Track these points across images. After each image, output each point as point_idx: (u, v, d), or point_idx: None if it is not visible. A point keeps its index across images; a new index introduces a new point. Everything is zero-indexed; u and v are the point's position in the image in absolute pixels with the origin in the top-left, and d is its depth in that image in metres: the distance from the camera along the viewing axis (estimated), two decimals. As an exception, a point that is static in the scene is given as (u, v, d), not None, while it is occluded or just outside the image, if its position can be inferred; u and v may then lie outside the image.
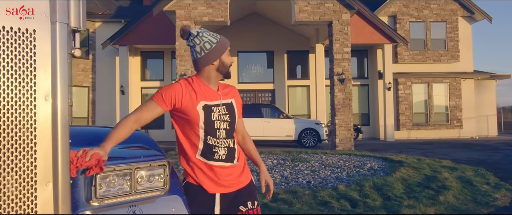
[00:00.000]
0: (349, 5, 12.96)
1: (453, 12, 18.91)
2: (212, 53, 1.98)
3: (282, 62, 19.06)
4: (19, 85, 1.37)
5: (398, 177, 6.53)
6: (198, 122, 1.96)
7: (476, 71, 19.36)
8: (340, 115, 12.80)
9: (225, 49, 2.03)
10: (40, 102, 1.41)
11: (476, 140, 17.12)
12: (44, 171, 1.40)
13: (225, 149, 2.01)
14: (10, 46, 1.37)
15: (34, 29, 1.42)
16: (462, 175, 6.94)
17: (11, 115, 1.34)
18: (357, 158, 9.51)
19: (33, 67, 1.40)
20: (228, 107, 2.06)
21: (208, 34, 2.02)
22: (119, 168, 1.62)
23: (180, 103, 1.93)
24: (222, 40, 2.03)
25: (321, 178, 6.66)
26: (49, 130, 1.43)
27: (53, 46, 1.47)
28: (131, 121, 1.88)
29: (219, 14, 12.75)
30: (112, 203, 1.60)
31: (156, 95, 1.95)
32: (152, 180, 1.72)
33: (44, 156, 1.41)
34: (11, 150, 1.34)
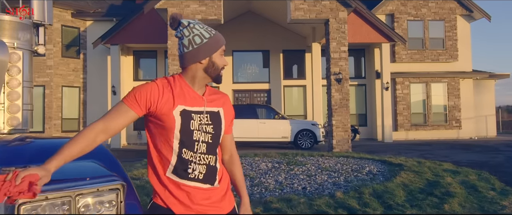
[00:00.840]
0: (346, 3, 12.61)
1: (451, 11, 18.61)
2: (201, 49, 1.65)
3: (278, 62, 18.70)
4: None
5: (399, 182, 6.18)
6: (173, 130, 1.61)
7: (475, 71, 19.07)
8: (337, 115, 12.45)
9: (218, 48, 1.70)
10: None
11: (475, 141, 16.83)
12: None
13: (204, 167, 1.66)
14: None
15: None
16: (466, 180, 6.60)
17: None
18: (355, 161, 9.16)
19: None
20: (213, 116, 1.71)
21: (201, 27, 1.69)
22: (52, 196, 1.24)
23: (155, 106, 1.60)
24: (216, 36, 1.70)
25: (318, 184, 6.30)
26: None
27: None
28: (95, 131, 1.53)
29: (212, 12, 12.38)
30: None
31: (128, 97, 1.60)
32: (100, 209, 1.35)
33: None
34: None
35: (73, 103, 17.03)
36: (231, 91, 18.50)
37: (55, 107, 16.32)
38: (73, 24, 17.02)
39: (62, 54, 16.70)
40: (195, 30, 1.66)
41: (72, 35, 17.05)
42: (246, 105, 15.85)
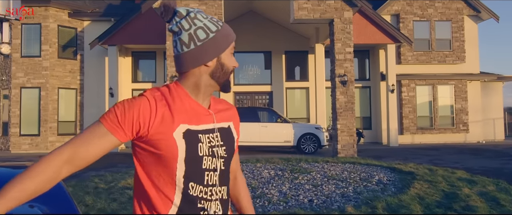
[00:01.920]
0: (352, 2, 12.15)
1: (458, 11, 18.13)
2: (207, 46, 1.22)
3: (280, 63, 18.24)
4: None
5: (414, 194, 5.70)
6: (176, 159, 1.17)
7: (482, 73, 18.58)
8: (342, 119, 11.97)
9: (228, 44, 1.26)
10: None
11: (483, 145, 16.33)
12: None
13: (217, 204, 1.24)
14: None
15: None
16: (484, 191, 6.11)
17: None
18: (362, 167, 8.69)
19: None
20: (225, 134, 1.30)
21: (204, 17, 1.24)
22: None
23: (146, 129, 1.15)
24: (224, 29, 1.26)
25: (325, 196, 5.82)
26: None
27: None
28: (57, 162, 1.10)
29: (212, 11, 11.94)
30: None
31: (108, 116, 1.15)
32: None
33: None
34: None
35: (70, 106, 16.58)
36: (232, 93, 18.03)
37: (51, 110, 15.87)
38: (70, 24, 16.58)
39: (58, 55, 16.26)
40: (198, 21, 1.22)
41: (68, 35, 16.61)
42: (247, 108, 15.38)
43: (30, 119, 15.84)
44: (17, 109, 15.77)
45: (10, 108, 15.81)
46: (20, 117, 15.77)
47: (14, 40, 15.86)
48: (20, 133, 15.75)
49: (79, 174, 8.70)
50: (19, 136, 15.73)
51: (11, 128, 15.73)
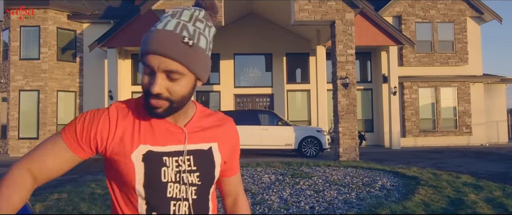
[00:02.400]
0: (353, 4, 11.99)
1: (461, 12, 17.95)
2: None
3: (281, 65, 18.08)
4: None
5: (418, 200, 5.52)
6: (133, 183, 1.04)
7: (485, 75, 18.38)
8: (343, 122, 11.80)
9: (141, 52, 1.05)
10: None
11: (487, 148, 16.13)
12: None
13: None
14: None
15: None
16: (491, 197, 5.93)
17: None
18: (365, 172, 8.52)
19: None
20: (200, 157, 1.11)
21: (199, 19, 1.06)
22: None
23: (104, 148, 1.05)
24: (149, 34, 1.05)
25: (327, 202, 5.64)
26: None
27: None
28: (23, 180, 1.01)
29: (212, 13, 11.75)
30: None
31: (67, 129, 1.06)
32: None
33: None
34: None
35: (69, 108, 16.44)
36: (233, 95, 17.88)
37: (50, 113, 15.73)
38: (69, 26, 16.45)
39: (57, 57, 16.12)
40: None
41: (68, 38, 16.48)
42: (248, 110, 15.21)
43: (29, 122, 15.70)
44: (16, 112, 15.63)
45: (9, 111, 15.68)
46: (19, 120, 15.64)
47: (13, 42, 15.74)
48: (18, 136, 15.60)
49: (75, 179, 8.54)
50: (18, 139, 15.58)
51: (10, 131, 15.59)
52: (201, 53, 1.01)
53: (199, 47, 1.01)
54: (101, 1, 18.66)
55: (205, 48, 1.03)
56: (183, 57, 0.97)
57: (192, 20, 1.01)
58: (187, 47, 0.98)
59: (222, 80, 17.91)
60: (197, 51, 1.00)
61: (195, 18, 1.02)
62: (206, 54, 1.04)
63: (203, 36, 1.03)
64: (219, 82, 17.89)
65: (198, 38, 1.01)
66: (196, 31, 1.01)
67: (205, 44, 1.03)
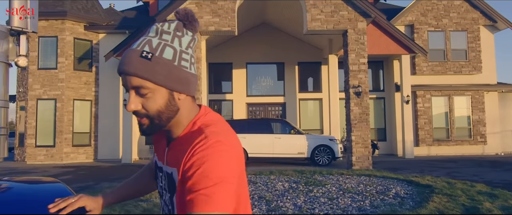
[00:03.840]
0: (366, 13, 12.08)
1: (474, 21, 17.89)
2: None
3: (293, 74, 18.18)
4: None
5: (433, 208, 5.53)
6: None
7: (500, 83, 18.21)
8: (356, 131, 11.82)
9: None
10: None
11: (502, 157, 15.93)
12: None
13: None
14: None
15: None
16: (506, 205, 5.91)
17: None
18: (378, 180, 8.53)
19: None
20: (168, 180, 1.09)
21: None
22: None
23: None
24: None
25: (341, 210, 5.69)
26: None
27: None
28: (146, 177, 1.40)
29: (226, 23, 11.98)
30: None
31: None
32: None
33: None
34: None
35: (85, 117, 16.74)
36: (245, 104, 18.01)
37: (66, 121, 16.04)
38: (85, 36, 16.83)
39: (74, 67, 16.49)
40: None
41: (84, 48, 16.85)
42: (260, 119, 15.31)
43: (45, 130, 16.02)
44: (33, 121, 15.98)
45: (27, 120, 16.03)
46: (36, 128, 15.97)
47: (31, 52, 16.15)
48: (35, 144, 15.93)
49: (91, 186, 8.71)
50: (35, 147, 15.91)
51: (27, 139, 15.93)
52: (165, 64, 0.99)
53: (162, 59, 0.99)
54: (116, 12, 19.07)
55: (172, 59, 1.01)
56: (141, 71, 0.97)
57: (158, 34, 1.02)
58: (146, 61, 0.98)
59: (235, 89, 18.07)
60: (160, 63, 0.99)
61: (161, 31, 1.02)
62: (175, 65, 1.01)
63: (170, 47, 1.01)
64: (232, 91, 18.06)
65: (162, 50, 1.00)
66: (160, 43, 1.01)
67: (172, 55, 1.01)
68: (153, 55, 0.98)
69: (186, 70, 1.03)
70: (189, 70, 1.04)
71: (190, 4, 11.99)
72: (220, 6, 12.01)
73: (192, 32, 1.07)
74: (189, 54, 1.05)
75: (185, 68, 1.03)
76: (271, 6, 15.46)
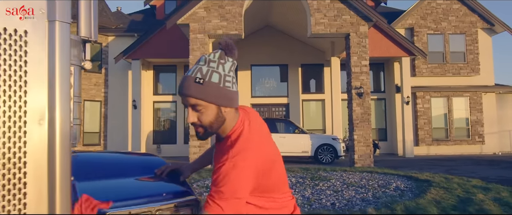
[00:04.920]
0: (367, 17, 12.60)
1: (472, 24, 18.42)
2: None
3: (297, 76, 18.70)
4: (4, 105, 1.00)
5: (430, 199, 6.05)
6: None
7: (497, 85, 18.73)
8: (358, 130, 12.33)
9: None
10: (32, 127, 1.03)
11: (500, 157, 16.43)
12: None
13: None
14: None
15: (25, 30, 1.05)
16: (498, 197, 6.42)
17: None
18: (380, 176, 9.03)
19: (23, 81, 1.03)
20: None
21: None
22: (136, 210, 1.24)
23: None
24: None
25: (346, 200, 6.20)
26: (45, 163, 1.06)
27: (51, 52, 1.09)
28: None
29: (233, 27, 12.50)
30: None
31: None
32: (175, 226, 1.34)
33: (36, 197, 1.04)
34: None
35: (95, 117, 17.27)
36: (250, 105, 18.52)
37: (77, 121, 16.56)
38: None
39: (84, 68, 17.01)
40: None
41: (94, 50, 17.40)
42: (265, 119, 15.82)
43: (57, 130, 16.55)
44: (45, 121, 16.52)
45: (39, 120, 16.56)
46: (48, 128, 16.50)
47: (44, 54, 16.71)
48: (47, 143, 16.45)
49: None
50: (47, 146, 16.43)
51: (39, 138, 16.46)
52: (213, 87, 1.27)
53: (211, 83, 1.27)
54: (124, 15, 19.63)
55: (218, 82, 1.28)
56: (196, 93, 1.27)
57: (206, 62, 1.30)
58: (199, 85, 1.26)
59: (240, 90, 18.52)
60: (210, 86, 1.27)
61: (208, 60, 1.30)
62: (220, 87, 1.29)
63: (216, 72, 1.29)
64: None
65: (210, 75, 1.28)
66: (209, 70, 1.28)
67: (218, 78, 1.28)
68: (204, 80, 1.27)
69: (229, 89, 1.31)
70: (231, 89, 1.32)
71: (199, 8, 12.51)
72: (227, 10, 12.54)
73: (232, 58, 1.34)
74: (231, 76, 1.33)
75: (228, 88, 1.31)
76: (275, 10, 15.98)
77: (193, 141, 12.22)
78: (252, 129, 1.40)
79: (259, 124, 1.50)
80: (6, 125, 1.00)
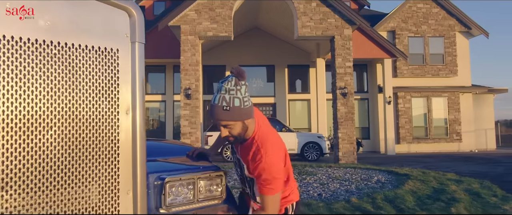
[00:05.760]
0: (351, 21, 13.21)
1: (450, 28, 19.27)
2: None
3: (283, 76, 19.25)
4: (105, 100, 1.46)
5: (408, 189, 6.63)
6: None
7: (474, 85, 19.64)
8: (343, 128, 12.93)
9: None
10: (122, 116, 1.50)
11: (476, 154, 17.28)
12: (125, 180, 1.50)
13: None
14: (97, 63, 1.45)
15: (117, 48, 1.50)
16: (469, 188, 7.05)
17: (99, 127, 1.43)
18: (363, 171, 9.62)
19: (117, 83, 1.49)
20: (240, 165, 2.01)
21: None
22: (184, 177, 1.72)
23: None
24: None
25: (331, 191, 6.74)
26: (130, 142, 1.52)
27: (133, 64, 1.56)
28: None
29: (223, 29, 12.95)
30: (178, 211, 1.70)
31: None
32: (211, 190, 1.83)
33: (125, 166, 1.50)
34: (96, 161, 1.43)
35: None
36: (238, 104, 18.99)
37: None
38: (85, 39, 17.58)
39: (74, 68, 17.22)
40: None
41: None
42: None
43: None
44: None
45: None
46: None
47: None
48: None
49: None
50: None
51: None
52: (237, 109, 1.71)
53: (234, 107, 1.70)
54: (113, 16, 19.81)
55: (240, 105, 1.71)
56: (225, 117, 1.71)
57: (227, 91, 1.71)
58: (227, 111, 1.70)
59: (228, 90, 19.03)
60: (235, 109, 1.70)
61: (228, 89, 1.72)
62: (241, 108, 1.72)
63: (236, 98, 1.71)
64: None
65: (233, 101, 1.70)
66: (231, 97, 1.70)
67: (239, 102, 1.71)
68: (229, 106, 1.70)
69: (248, 107, 1.75)
70: (249, 106, 1.76)
71: (190, 11, 12.93)
72: (218, 13, 12.98)
73: (244, 81, 1.76)
74: (247, 96, 1.77)
75: (247, 106, 1.75)
76: (263, 13, 16.49)
77: (184, 140, 12.63)
78: (266, 127, 1.91)
79: (265, 120, 2.00)
80: (107, 114, 1.47)
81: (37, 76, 1.23)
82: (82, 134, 1.38)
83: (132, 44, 1.57)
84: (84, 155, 1.38)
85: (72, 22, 1.41)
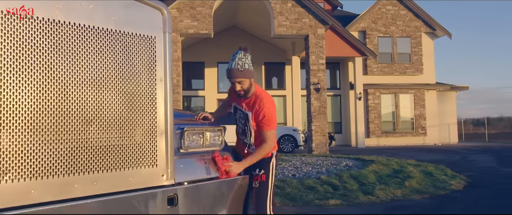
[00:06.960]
0: (324, 21, 14.11)
1: (417, 29, 20.53)
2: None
3: (260, 73, 20.01)
4: (149, 70, 2.17)
5: (371, 170, 7.52)
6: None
7: (438, 83, 20.98)
8: (316, 121, 13.82)
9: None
10: (158, 82, 2.21)
11: (439, 146, 18.56)
12: (161, 126, 2.21)
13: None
14: (143, 45, 2.15)
15: (154, 36, 2.21)
16: (425, 169, 8.01)
17: (145, 88, 2.13)
18: (333, 159, 10.49)
19: (155, 60, 2.20)
20: (244, 115, 2.86)
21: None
22: (196, 128, 2.45)
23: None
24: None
25: (304, 173, 7.56)
26: (163, 101, 2.23)
27: (164, 47, 2.26)
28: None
29: (204, 26, 13.60)
30: (191, 152, 2.42)
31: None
32: (214, 139, 2.56)
33: (161, 116, 2.21)
34: (144, 111, 2.13)
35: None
36: (216, 100, 19.65)
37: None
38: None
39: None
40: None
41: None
42: (231, 112, 16.99)
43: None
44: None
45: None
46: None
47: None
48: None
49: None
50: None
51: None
52: (247, 70, 2.59)
53: (245, 69, 2.59)
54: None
55: (248, 67, 2.60)
56: (240, 75, 2.59)
57: (239, 59, 2.61)
58: (241, 71, 2.59)
59: (207, 86, 19.67)
60: (245, 70, 2.59)
61: (240, 57, 2.61)
62: (249, 70, 2.60)
63: (246, 63, 2.60)
64: (204, 88, 19.65)
65: (244, 65, 2.59)
66: (242, 63, 2.59)
67: (247, 66, 2.60)
68: (242, 68, 2.60)
69: (252, 70, 2.66)
70: (252, 69, 2.67)
71: (172, 9, 13.50)
72: (198, 11, 13.62)
73: (249, 53, 2.66)
74: (251, 63, 2.66)
75: (251, 69, 2.65)
76: (241, 12, 17.22)
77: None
78: (260, 88, 2.83)
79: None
80: (149, 80, 2.17)
81: (109, 50, 1.93)
82: (135, 93, 2.09)
83: (164, 34, 2.28)
84: (136, 106, 2.09)
85: (127, 16, 2.12)
